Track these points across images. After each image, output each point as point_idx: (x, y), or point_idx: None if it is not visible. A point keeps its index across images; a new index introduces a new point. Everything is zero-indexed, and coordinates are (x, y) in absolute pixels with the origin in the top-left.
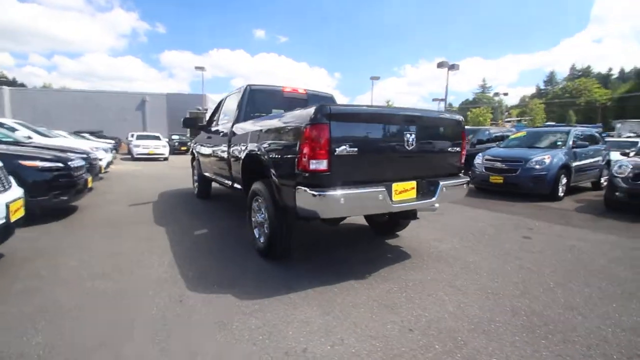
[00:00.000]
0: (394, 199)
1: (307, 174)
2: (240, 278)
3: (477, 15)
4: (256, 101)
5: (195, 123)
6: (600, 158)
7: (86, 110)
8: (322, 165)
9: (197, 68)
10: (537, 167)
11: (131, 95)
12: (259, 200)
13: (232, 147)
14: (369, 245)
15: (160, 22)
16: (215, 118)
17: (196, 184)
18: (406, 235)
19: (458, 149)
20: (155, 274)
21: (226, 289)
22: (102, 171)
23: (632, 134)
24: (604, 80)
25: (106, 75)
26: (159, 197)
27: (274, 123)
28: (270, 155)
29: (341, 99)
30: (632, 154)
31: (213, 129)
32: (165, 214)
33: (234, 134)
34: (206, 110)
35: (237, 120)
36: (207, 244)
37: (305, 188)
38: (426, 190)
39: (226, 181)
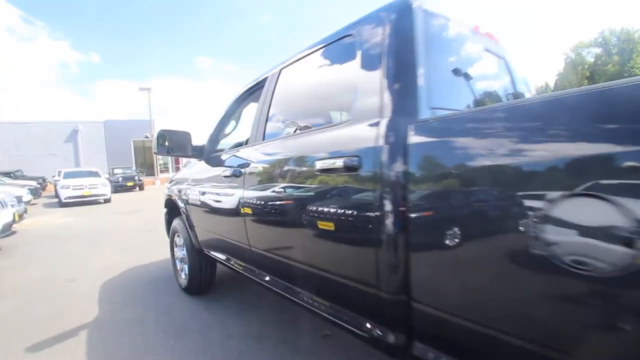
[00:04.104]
0: None
1: None
2: None
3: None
4: (439, 47)
5: (184, 144)
6: None
7: (2, 147)
8: None
9: (141, 89)
10: None
11: (59, 125)
12: None
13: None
14: None
15: (94, 51)
16: (237, 126)
17: (184, 265)
18: None
19: None
20: None
21: None
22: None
23: None
24: None
25: (33, 110)
26: (100, 303)
27: None
28: None
29: None
30: None
31: (261, 146)
32: None
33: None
34: None
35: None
36: None
37: None
38: None
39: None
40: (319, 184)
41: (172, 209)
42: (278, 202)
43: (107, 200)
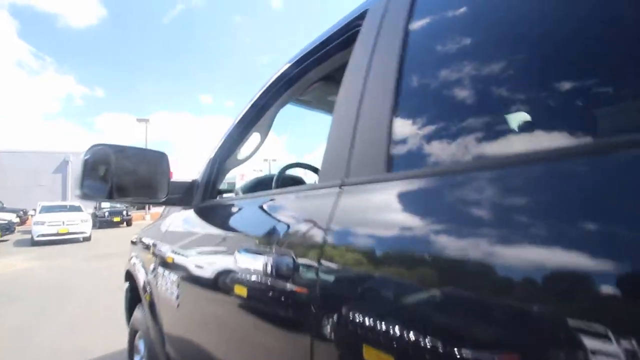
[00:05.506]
0: None
1: None
2: None
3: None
4: None
5: (151, 177)
6: None
7: None
8: None
9: (139, 120)
10: None
11: (48, 155)
12: None
13: None
14: None
15: (99, 86)
16: (263, 142)
17: None
18: None
19: None
20: None
21: None
22: None
23: None
24: None
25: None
26: None
27: None
28: None
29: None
30: None
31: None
32: None
33: None
34: None
35: None
36: None
37: None
38: None
39: None
40: None
41: (136, 289)
42: None
43: (86, 239)
